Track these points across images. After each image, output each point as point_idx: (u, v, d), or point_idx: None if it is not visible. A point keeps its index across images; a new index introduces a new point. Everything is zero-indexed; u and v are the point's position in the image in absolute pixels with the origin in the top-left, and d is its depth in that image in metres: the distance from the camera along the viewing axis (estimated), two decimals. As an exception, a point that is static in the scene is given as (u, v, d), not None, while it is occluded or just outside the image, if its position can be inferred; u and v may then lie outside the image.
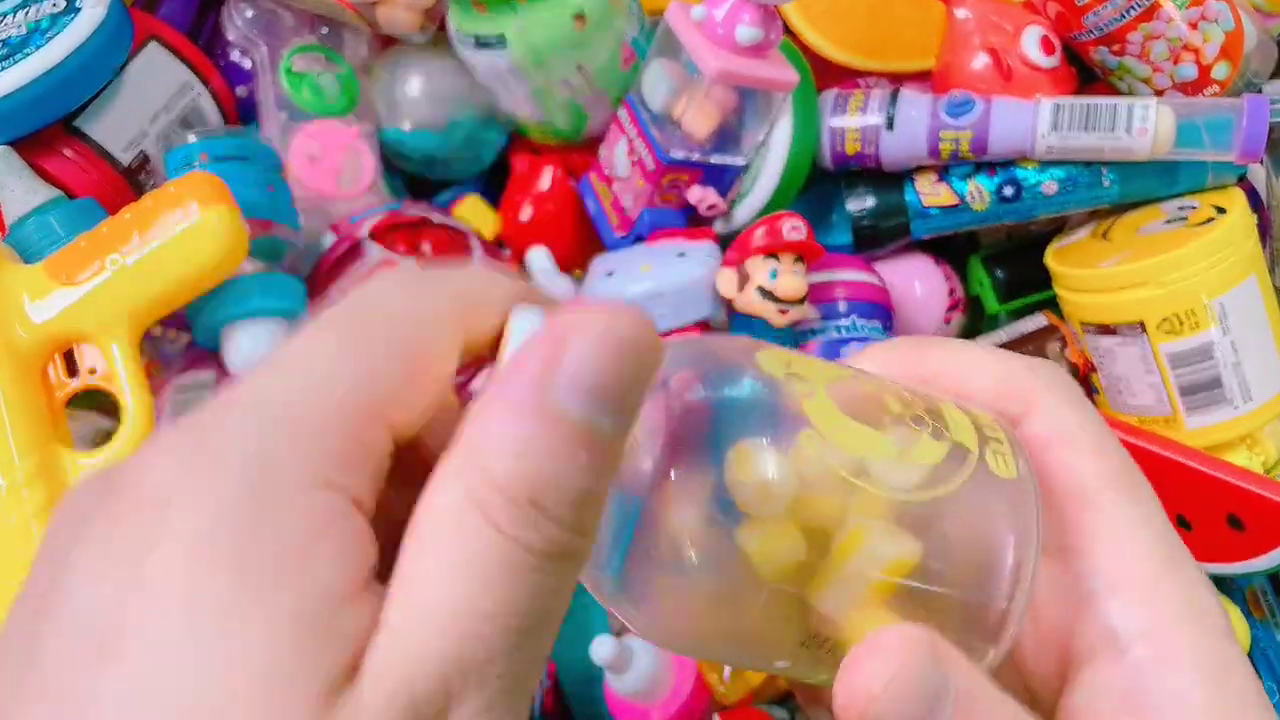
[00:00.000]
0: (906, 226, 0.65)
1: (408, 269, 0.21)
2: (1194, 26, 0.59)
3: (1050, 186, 0.62)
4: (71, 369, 0.50)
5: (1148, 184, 0.61)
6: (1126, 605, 0.23)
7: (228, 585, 0.17)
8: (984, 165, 0.63)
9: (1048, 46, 0.62)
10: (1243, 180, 0.62)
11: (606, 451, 0.19)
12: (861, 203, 0.65)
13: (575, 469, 0.18)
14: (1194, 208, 0.59)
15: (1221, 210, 0.57)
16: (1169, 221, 0.60)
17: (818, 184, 0.68)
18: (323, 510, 0.18)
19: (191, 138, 0.55)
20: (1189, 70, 0.60)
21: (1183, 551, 0.24)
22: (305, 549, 0.17)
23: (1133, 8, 0.59)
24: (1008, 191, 0.62)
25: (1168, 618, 0.22)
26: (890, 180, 0.65)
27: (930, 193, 0.64)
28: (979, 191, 0.63)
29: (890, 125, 0.62)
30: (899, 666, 0.20)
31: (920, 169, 0.64)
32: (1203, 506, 0.56)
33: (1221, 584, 0.66)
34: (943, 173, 0.64)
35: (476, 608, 0.17)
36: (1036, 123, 0.59)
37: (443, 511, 0.18)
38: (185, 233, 0.48)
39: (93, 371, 0.49)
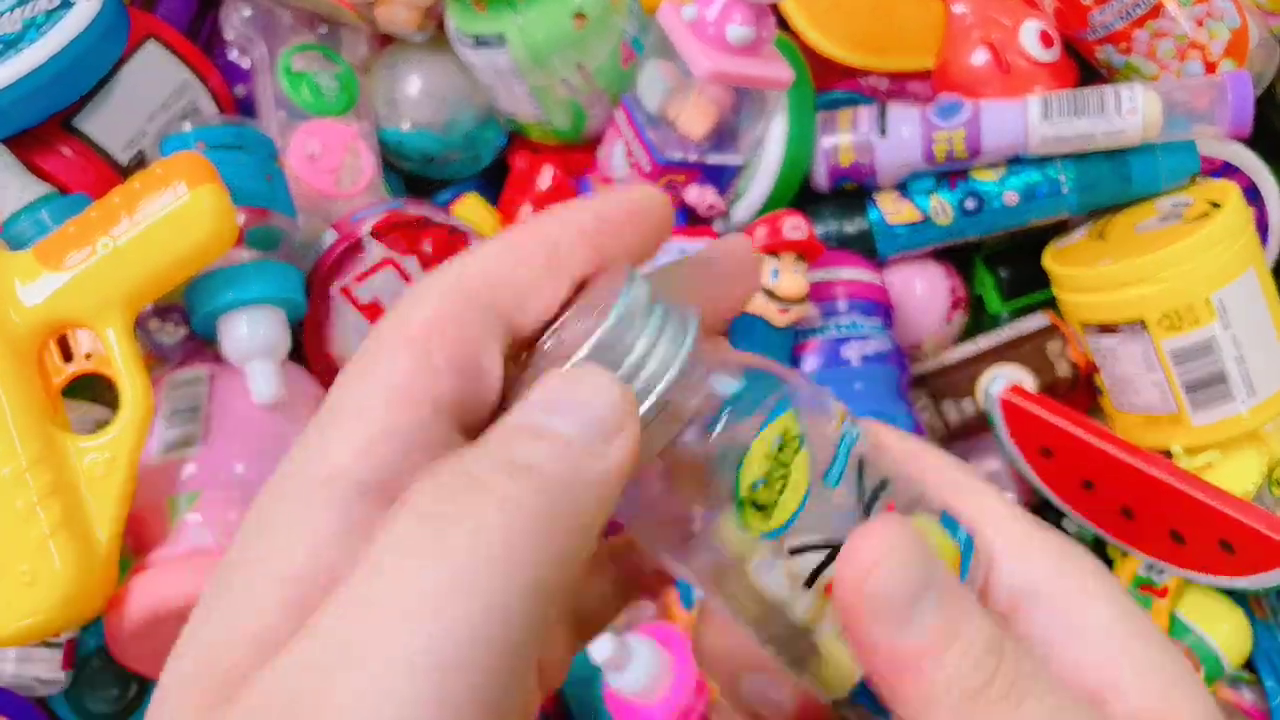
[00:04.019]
0: (872, 247, 0.65)
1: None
2: (1200, 24, 0.59)
3: (1011, 197, 0.62)
4: (67, 355, 0.50)
5: (1106, 191, 0.62)
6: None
7: None
8: (944, 179, 0.63)
9: (1046, 40, 0.62)
10: (1194, 180, 0.62)
11: None
12: (825, 226, 0.65)
13: None
14: (1189, 203, 0.60)
15: (1216, 205, 0.58)
16: (1164, 218, 0.60)
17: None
18: None
19: (187, 126, 0.55)
20: (1195, 68, 0.61)
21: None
22: None
23: (1138, 6, 0.59)
24: (970, 204, 0.63)
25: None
26: (853, 201, 0.65)
27: (893, 210, 0.64)
28: (942, 206, 0.63)
29: (883, 134, 0.63)
30: (897, 537, 0.21)
31: (879, 189, 0.64)
32: (1195, 528, 0.57)
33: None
34: (904, 189, 0.64)
35: None
36: (1027, 116, 0.60)
37: None
38: (174, 213, 0.48)
39: (89, 356, 0.49)
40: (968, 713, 0.21)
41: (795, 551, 0.22)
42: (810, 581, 0.22)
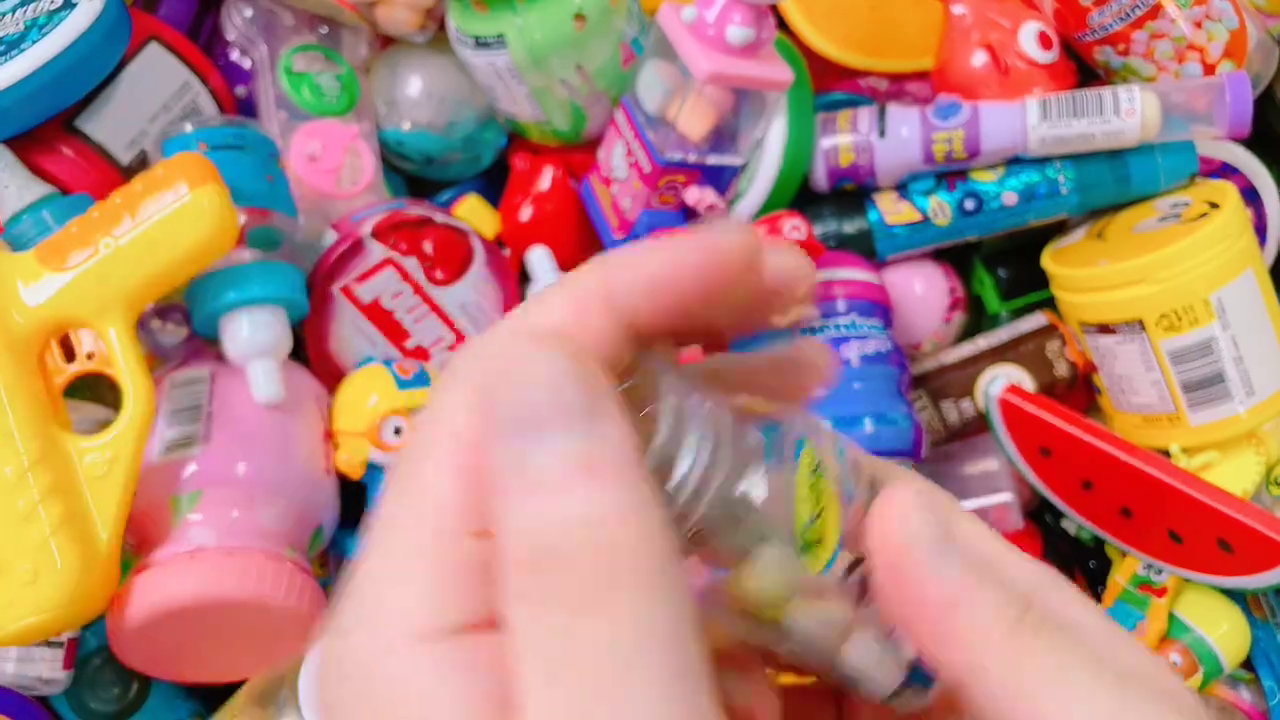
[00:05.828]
0: (872, 247, 0.65)
1: None
2: (1198, 25, 0.59)
3: (1010, 198, 0.62)
4: (69, 355, 0.50)
5: (1104, 191, 0.62)
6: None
7: None
8: (943, 180, 0.63)
9: (1045, 42, 0.62)
10: (1193, 181, 0.62)
11: None
12: (824, 227, 0.65)
13: None
14: (1187, 204, 0.60)
15: (1215, 205, 0.58)
16: (1163, 219, 0.60)
17: (815, 182, 0.68)
18: None
19: (189, 127, 0.55)
20: (1194, 69, 0.60)
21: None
22: None
23: (1137, 7, 0.59)
24: (969, 205, 0.63)
25: None
26: (852, 201, 0.65)
27: (892, 211, 0.64)
28: (941, 207, 0.63)
29: (882, 135, 0.63)
30: (912, 496, 0.22)
31: (878, 190, 0.65)
32: (1193, 526, 0.57)
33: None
34: (903, 190, 0.64)
35: None
36: (1026, 117, 0.60)
37: None
38: (175, 213, 0.48)
39: (90, 356, 0.49)
40: (1012, 648, 0.20)
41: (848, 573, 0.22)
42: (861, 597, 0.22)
